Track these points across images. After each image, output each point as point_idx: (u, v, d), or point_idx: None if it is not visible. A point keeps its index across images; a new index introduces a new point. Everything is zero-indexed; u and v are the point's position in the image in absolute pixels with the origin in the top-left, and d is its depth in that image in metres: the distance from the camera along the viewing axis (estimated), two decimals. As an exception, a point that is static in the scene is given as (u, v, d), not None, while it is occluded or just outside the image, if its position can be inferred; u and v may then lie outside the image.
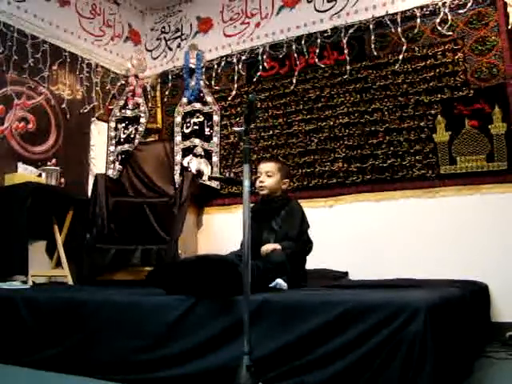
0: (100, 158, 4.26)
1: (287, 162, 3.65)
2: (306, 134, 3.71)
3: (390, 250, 3.23)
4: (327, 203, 3.56)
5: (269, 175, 2.60)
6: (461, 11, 3.27)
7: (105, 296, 2.24)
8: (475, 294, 2.48)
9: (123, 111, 4.40)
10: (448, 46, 3.28)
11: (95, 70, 4.26)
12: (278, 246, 2.39)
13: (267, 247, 2.40)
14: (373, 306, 1.65)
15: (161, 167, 4.18)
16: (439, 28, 3.31)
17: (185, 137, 4.18)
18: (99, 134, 4.30)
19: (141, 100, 4.39)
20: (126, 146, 4.28)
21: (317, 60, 3.71)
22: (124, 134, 4.35)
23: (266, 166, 2.63)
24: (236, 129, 1.76)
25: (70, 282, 3.49)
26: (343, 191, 3.51)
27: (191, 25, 4.43)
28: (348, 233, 3.40)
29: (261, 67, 3.96)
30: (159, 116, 4.46)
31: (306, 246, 2.51)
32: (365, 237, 3.34)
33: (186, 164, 4.10)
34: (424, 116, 3.31)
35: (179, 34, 4.51)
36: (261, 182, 2.61)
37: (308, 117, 3.72)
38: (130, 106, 4.38)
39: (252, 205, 2.50)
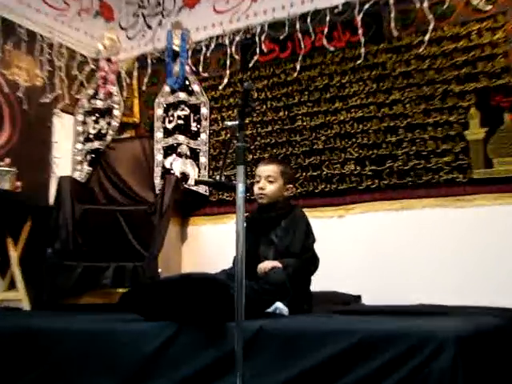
0: (65, 157, 4.28)
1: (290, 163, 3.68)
2: (312, 130, 3.74)
3: (411, 270, 3.25)
4: (336, 213, 3.58)
5: (270, 180, 2.62)
6: (502, -20, 3.25)
7: (69, 323, 2.24)
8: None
9: (93, 102, 4.43)
10: (485, 23, 3.27)
11: (58, 51, 4.27)
12: (277, 264, 2.40)
13: (265, 265, 2.41)
14: (390, 337, 1.64)
15: (138, 169, 4.21)
16: (474, 2, 3.31)
17: (167, 133, 4.21)
18: (64, 129, 4.31)
19: (114, 88, 4.42)
20: (97, 144, 4.31)
21: (325, 42, 3.75)
22: (94, 129, 4.37)
23: (267, 170, 2.65)
24: (228, 123, 1.78)
25: (27, 306, 3.49)
26: (356, 199, 3.53)
27: (175, -2, 4.47)
28: (361, 248, 3.43)
29: (258, 50, 4.00)
30: (136, 108, 4.49)
31: (312, 263, 2.53)
32: (381, 254, 3.35)
33: (168, 165, 4.13)
34: (454, 109, 3.33)
35: (160, 9, 4.54)
36: (260, 188, 2.62)
37: (314, 110, 3.75)
38: (102, 96, 4.40)
39: (247, 214, 2.51)
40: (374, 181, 3.50)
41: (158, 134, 4.24)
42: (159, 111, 4.29)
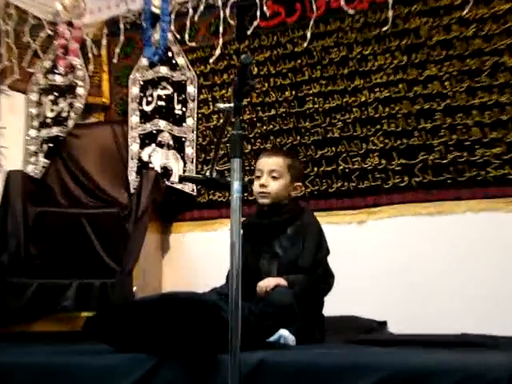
0: (15, 146, 4.28)
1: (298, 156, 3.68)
2: (326, 114, 3.74)
3: (450, 291, 3.25)
4: (356, 218, 3.58)
5: (274, 176, 2.63)
6: None
7: (18, 356, 2.23)
8: None
9: (50, 77, 4.43)
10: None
11: (5, 11, 4.25)
12: (282, 281, 2.41)
13: (266, 283, 2.42)
14: (426, 375, 1.64)
15: (108, 162, 4.22)
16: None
17: (145, 117, 4.22)
18: (13, 111, 4.31)
19: (77, 61, 4.42)
20: (56, 130, 4.30)
21: (343, 2, 3.75)
22: (52, 111, 4.37)
23: (271, 163, 2.66)
24: (221, 106, 1.78)
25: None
26: (380, 200, 3.54)
27: None
28: (387, 263, 3.43)
29: (258, 14, 4.00)
30: (106, 86, 4.49)
31: (325, 281, 2.54)
32: (413, 269, 3.35)
33: (145, 158, 4.14)
34: (506, 87, 3.34)
35: (137, -39, 4.54)
36: (262, 185, 2.63)
37: (329, 89, 3.75)
38: (62, 70, 4.40)
39: (244, 219, 2.51)
40: (404, 178, 3.50)
41: (134, 119, 4.24)
42: (134, 90, 4.30)
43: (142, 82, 4.27)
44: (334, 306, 2.61)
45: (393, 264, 3.42)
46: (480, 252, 3.24)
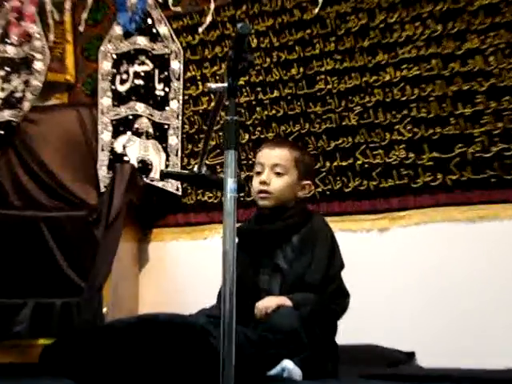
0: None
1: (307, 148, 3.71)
2: (341, 97, 3.77)
3: (492, 314, 3.25)
4: (377, 224, 3.61)
5: (278, 172, 2.64)
6: None
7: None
8: None
9: (1, 48, 4.40)
10: None
11: None
12: (286, 301, 2.42)
13: (267, 303, 2.42)
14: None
15: (73, 154, 4.23)
16: None
17: (119, 99, 4.25)
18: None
19: (35, 28, 4.42)
20: (7, 114, 4.29)
21: (363, -41, 3.78)
22: (3, 90, 4.36)
23: (274, 156, 2.67)
24: (213, 86, 1.78)
25: None
26: (407, 203, 3.56)
27: None
28: (415, 279, 3.44)
29: (260, -29, 4.03)
30: (70, 60, 4.50)
31: (338, 301, 2.54)
32: (446, 288, 3.36)
33: (119, 149, 4.17)
34: None
35: None
36: (263, 183, 2.64)
37: (345, 66, 3.78)
38: (15, 40, 4.39)
39: (240, 224, 2.53)
40: (437, 175, 3.52)
41: (105, 101, 4.27)
42: (106, 65, 4.32)
43: (114, 56, 4.30)
44: (349, 331, 2.62)
45: (422, 281, 3.43)
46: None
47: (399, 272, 3.49)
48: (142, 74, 4.19)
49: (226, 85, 1.75)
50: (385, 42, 3.71)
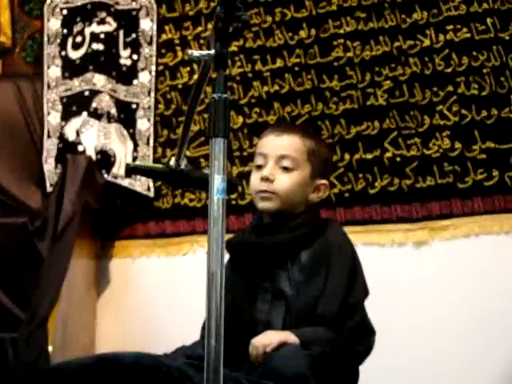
0: None
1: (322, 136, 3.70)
2: (365, 68, 3.77)
3: None
4: (413, 236, 3.62)
5: (285, 167, 2.61)
6: None
7: None
8: None
9: None
10: None
11: None
12: (290, 338, 2.39)
13: (266, 339, 2.40)
14: None
15: (8, 142, 4.22)
16: None
17: (71, 69, 4.23)
18: None
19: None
20: None
21: None
22: None
23: (281, 145, 2.65)
24: (195, 53, 1.77)
25: None
26: (452, 208, 3.57)
27: None
28: (463, 309, 3.44)
29: None
30: (5, 17, 4.48)
31: (360, 339, 2.53)
32: (508, 320, 3.36)
33: (72, 135, 4.15)
34: None
35: None
36: (265, 179, 2.60)
37: (369, 27, 3.78)
38: None
39: (230, 237, 2.53)
40: (492, 172, 3.53)
41: (52, 72, 4.26)
42: (54, 24, 4.30)
43: (65, 12, 4.28)
44: (374, 379, 2.61)
45: (474, 311, 3.43)
46: None
47: (442, 299, 3.49)
48: (102, 35, 4.18)
49: (212, 52, 1.73)
50: (423, -5, 3.72)
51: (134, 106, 4.15)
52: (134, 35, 4.18)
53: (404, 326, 3.26)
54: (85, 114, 4.14)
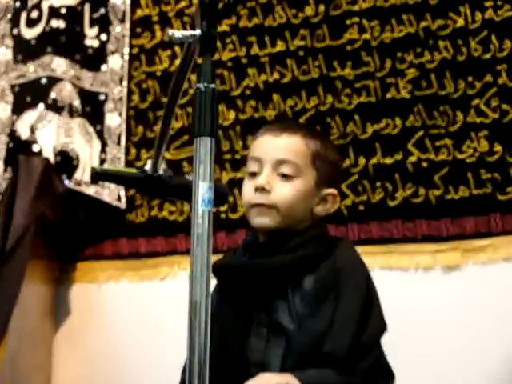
0: None
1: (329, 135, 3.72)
2: (385, 52, 3.80)
3: None
4: (441, 259, 3.63)
5: (285, 174, 2.61)
6: None
7: None
8: None
9: None
10: None
11: None
12: (292, 382, 2.39)
13: (262, 382, 2.42)
14: None
15: None
16: None
17: (24, 51, 4.26)
18: None
19: None
20: None
21: None
22: None
23: (280, 147, 2.65)
24: (178, 34, 1.78)
25: None
26: (489, 225, 3.58)
27: None
28: (502, 346, 3.45)
29: None
30: None
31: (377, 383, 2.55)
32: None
33: (25, 133, 4.17)
34: None
35: None
36: (261, 189, 2.60)
37: (390, 3, 3.80)
38: None
39: (218, 259, 2.55)
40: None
41: (2, 54, 4.29)
42: (5, -4, 4.33)
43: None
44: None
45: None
46: None
47: (476, 335, 3.51)
48: (64, 10, 4.21)
49: (198, 32, 1.75)
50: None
51: (102, 98, 4.18)
52: (102, 10, 4.21)
53: (428, 366, 3.28)
54: (41, 106, 4.16)
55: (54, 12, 4.19)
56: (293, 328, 2.52)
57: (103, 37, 4.19)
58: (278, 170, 2.61)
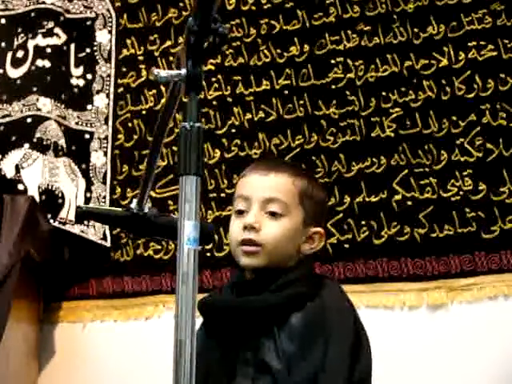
0: None
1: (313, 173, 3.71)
2: (370, 91, 3.80)
3: None
4: (427, 298, 3.62)
5: (273, 212, 2.60)
6: None
7: None
8: None
9: None
10: None
11: None
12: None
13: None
14: None
15: None
16: None
17: (10, 91, 4.24)
18: None
19: None
20: None
21: None
22: None
23: (268, 186, 2.64)
24: (163, 73, 1.78)
25: None
26: (475, 264, 3.57)
27: None
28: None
29: None
30: None
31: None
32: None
33: (10, 171, 4.15)
34: None
35: None
36: (249, 227, 2.58)
37: (374, 42, 3.81)
38: None
39: (204, 296, 2.54)
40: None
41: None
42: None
43: (3, 21, 4.31)
44: None
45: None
46: None
47: (462, 375, 3.49)
48: (49, 50, 4.20)
49: (183, 71, 1.74)
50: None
51: (87, 136, 4.16)
52: (88, 50, 4.20)
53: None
54: (26, 145, 4.15)
55: (39, 51, 4.18)
56: (280, 368, 2.48)
57: (89, 76, 4.18)
58: (266, 209, 2.58)
